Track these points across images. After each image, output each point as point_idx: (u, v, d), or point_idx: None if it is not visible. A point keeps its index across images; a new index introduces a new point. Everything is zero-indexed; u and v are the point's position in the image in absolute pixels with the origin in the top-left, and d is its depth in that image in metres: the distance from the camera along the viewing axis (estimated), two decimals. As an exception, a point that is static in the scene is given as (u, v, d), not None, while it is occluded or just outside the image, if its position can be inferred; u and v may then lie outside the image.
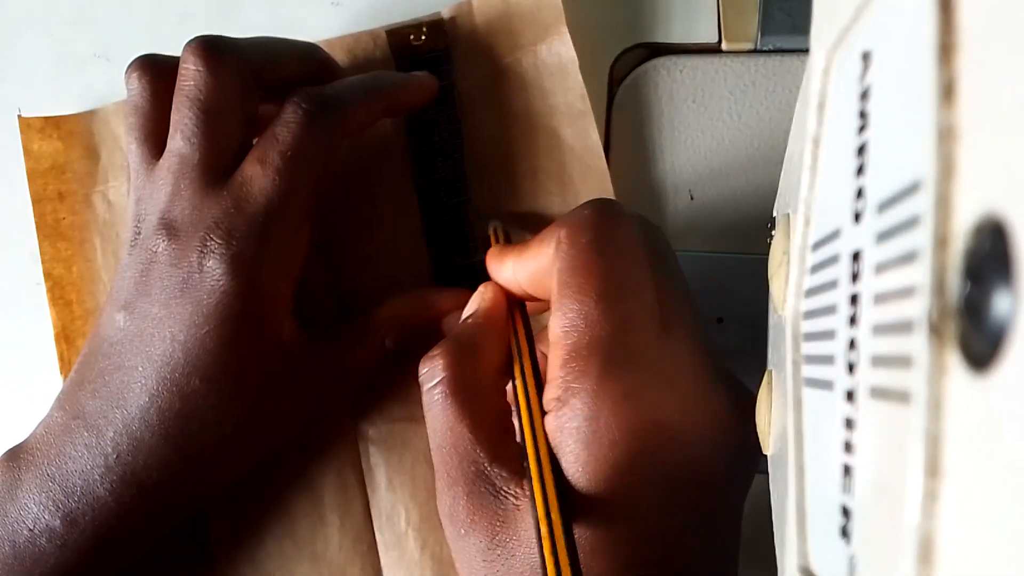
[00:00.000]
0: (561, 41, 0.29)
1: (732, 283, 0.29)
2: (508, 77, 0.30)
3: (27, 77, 0.34)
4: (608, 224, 0.22)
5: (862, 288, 0.13)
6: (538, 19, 0.29)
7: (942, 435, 0.09)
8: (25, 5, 0.34)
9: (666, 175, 0.30)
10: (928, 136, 0.10)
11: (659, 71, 0.30)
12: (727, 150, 0.30)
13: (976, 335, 0.09)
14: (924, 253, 0.10)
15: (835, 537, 0.14)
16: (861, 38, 0.14)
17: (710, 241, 0.30)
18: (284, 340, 0.26)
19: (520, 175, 0.30)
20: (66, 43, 0.34)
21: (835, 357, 0.14)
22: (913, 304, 0.10)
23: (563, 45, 0.29)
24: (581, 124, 0.29)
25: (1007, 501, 0.08)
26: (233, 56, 0.25)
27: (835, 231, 0.15)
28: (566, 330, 0.21)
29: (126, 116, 0.27)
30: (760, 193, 0.29)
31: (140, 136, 0.26)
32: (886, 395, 0.11)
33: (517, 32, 0.30)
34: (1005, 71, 0.08)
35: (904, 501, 0.10)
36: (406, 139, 0.30)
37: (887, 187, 0.12)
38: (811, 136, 0.17)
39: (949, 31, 0.10)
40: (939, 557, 0.09)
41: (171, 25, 0.33)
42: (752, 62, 0.29)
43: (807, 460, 0.16)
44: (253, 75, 0.26)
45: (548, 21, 0.29)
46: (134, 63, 0.27)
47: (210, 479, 0.26)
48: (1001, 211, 0.08)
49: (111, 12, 0.34)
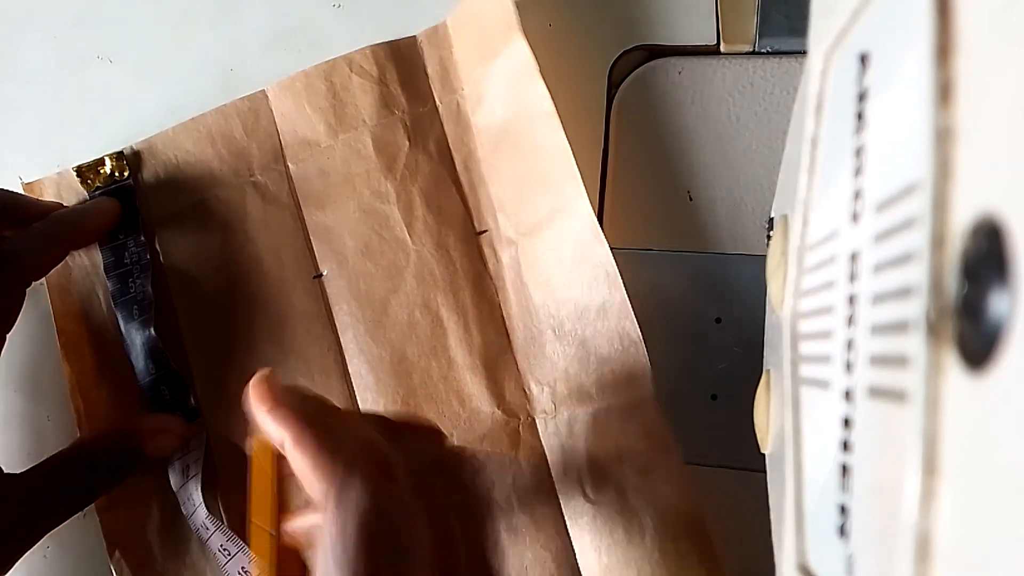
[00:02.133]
0: (519, 48, 0.28)
1: (730, 283, 0.29)
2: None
3: (29, 78, 0.34)
4: (372, 537, 0.22)
5: (860, 288, 0.13)
6: (496, 31, 0.29)
7: (939, 434, 0.09)
8: (27, 6, 0.34)
9: (665, 176, 0.30)
10: (925, 137, 0.10)
11: (658, 72, 0.30)
12: (725, 151, 0.30)
13: (973, 335, 0.09)
14: (921, 254, 0.10)
15: (833, 535, 0.14)
16: (859, 40, 0.14)
17: (708, 241, 0.30)
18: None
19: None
20: (68, 44, 0.34)
21: (833, 357, 0.14)
22: (910, 304, 0.10)
23: (521, 51, 0.28)
24: (548, 127, 0.28)
25: (1003, 499, 0.08)
26: (16, 276, 0.27)
27: (833, 232, 0.15)
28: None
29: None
30: (758, 194, 0.29)
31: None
32: (884, 394, 0.11)
33: (480, 44, 0.30)
34: (1002, 73, 0.08)
35: (902, 499, 0.10)
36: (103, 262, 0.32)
37: (885, 188, 0.12)
38: (809, 137, 0.17)
39: (946, 33, 0.10)
40: (936, 554, 0.09)
41: (173, 27, 0.33)
42: (750, 64, 0.29)
43: (805, 459, 0.16)
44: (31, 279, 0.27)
45: (505, 31, 0.29)
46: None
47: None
48: (998, 212, 0.08)
49: (113, 13, 0.34)
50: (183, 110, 0.33)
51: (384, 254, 0.31)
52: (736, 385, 0.29)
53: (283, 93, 0.31)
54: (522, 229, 0.30)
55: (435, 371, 0.30)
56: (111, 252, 0.31)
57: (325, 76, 0.31)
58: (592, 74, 0.30)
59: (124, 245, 0.31)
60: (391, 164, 0.31)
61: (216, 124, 0.32)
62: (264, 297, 0.31)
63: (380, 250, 0.31)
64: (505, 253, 0.30)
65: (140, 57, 0.33)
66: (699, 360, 0.29)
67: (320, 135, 0.31)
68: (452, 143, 0.31)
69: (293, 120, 0.31)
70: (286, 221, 0.31)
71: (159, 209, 0.32)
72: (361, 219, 0.31)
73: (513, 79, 0.29)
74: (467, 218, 0.31)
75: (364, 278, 0.31)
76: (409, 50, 0.31)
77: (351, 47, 0.32)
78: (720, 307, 0.29)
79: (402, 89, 0.31)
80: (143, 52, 0.33)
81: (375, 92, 0.31)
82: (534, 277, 0.29)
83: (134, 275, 0.31)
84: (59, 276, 0.32)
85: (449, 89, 0.31)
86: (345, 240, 0.31)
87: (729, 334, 0.29)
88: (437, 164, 0.31)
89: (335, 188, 0.31)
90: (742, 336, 0.29)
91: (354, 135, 0.31)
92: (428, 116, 0.31)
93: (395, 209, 0.31)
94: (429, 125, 0.31)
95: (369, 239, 0.31)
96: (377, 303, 0.30)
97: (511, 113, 0.29)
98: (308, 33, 0.32)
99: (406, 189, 0.31)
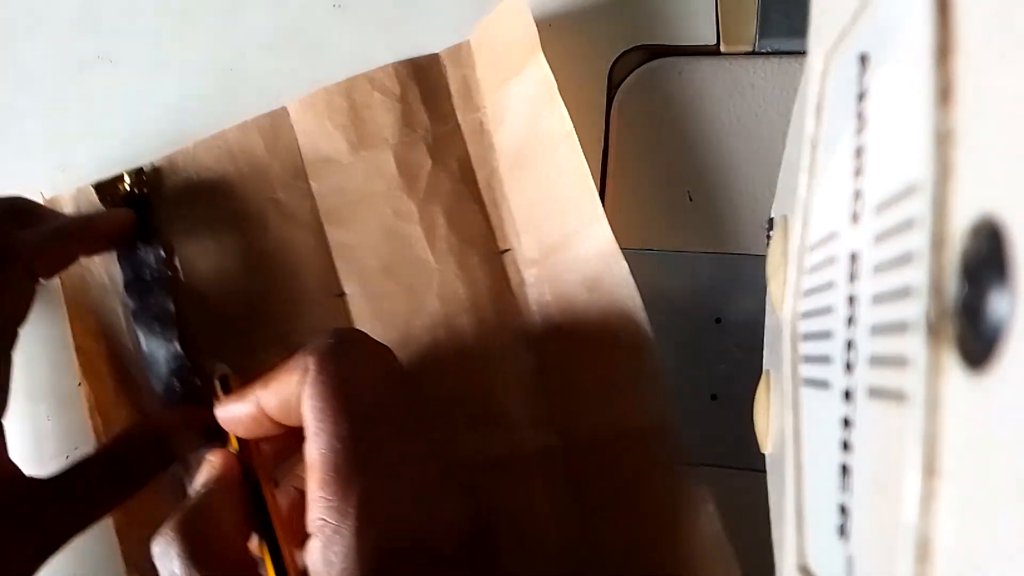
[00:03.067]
0: (539, 68, 0.28)
1: (730, 284, 0.29)
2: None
3: (28, 78, 0.34)
4: (353, 352, 0.24)
5: (860, 289, 0.13)
6: (518, 49, 0.29)
7: (939, 435, 0.09)
8: (28, 6, 0.34)
9: (664, 176, 0.30)
10: (925, 138, 0.10)
11: (658, 73, 0.30)
12: (725, 152, 0.30)
13: (973, 336, 0.09)
14: (921, 254, 0.10)
15: (833, 536, 0.14)
16: (859, 41, 0.14)
17: (708, 242, 0.30)
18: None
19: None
20: (69, 45, 0.34)
21: (833, 357, 0.14)
22: (910, 305, 0.10)
23: (541, 72, 0.28)
24: (567, 146, 0.28)
25: (1004, 500, 0.08)
26: (20, 270, 0.26)
27: (833, 232, 0.15)
28: (323, 452, 0.22)
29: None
30: (758, 194, 0.29)
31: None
32: (883, 395, 0.11)
33: (502, 63, 0.30)
34: (1002, 74, 0.09)
35: (902, 500, 0.10)
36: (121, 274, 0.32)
37: (885, 189, 0.12)
38: (809, 138, 0.17)
39: (946, 34, 0.10)
40: (936, 556, 0.09)
41: (174, 27, 0.33)
42: (750, 64, 0.29)
43: (805, 459, 0.16)
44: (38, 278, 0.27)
45: (527, 49, 0.29)
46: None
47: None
48: (998, 213, 0.08)
49: (114, 14, 0.34)
50: (183, 110, 0.33)
51: (406, 273, 0.30)
52: (736, 385, 0.29)
53: (304, 110, 0.31)
54: (544, 248, 0.29)
55: (457, 390, 0.30)
56: (130, 268, 0.31)
57: (346, 93, 0.31)
58: (592, 74, 0.30)
59: (144, 261, 0.31)
60: (413, 183, 0.30)
61: (237, 141, 0.31)
62: (286, 315, 0.31)
63: (402, 269, 0.30)
64: (528, 272, 0.30)
65: (141, 57, 0.33)
66: (699, 360, 0.29)
67: (342, 153, 0.31)
68: (475, 162, 0.31)
69: (314, 137, 0.31)
70: (307, 239, 0.31)
71: (179, 225, 0.31)
72: (383, 238, 0.30)
73: (533, 98, 0.29)
74: (490, 237, 0.30)
75: (386, 297, 0.30)
76: (431, 68, 0.31)
77: (351, 47, 0.32)
78: (720, 307, 0.29)
79: (424, 107, 0.31)
80: (144, 52, 0.33)
81: (397, 110, 0.31)
82: (557, 298, 0.29)
83: (154, 291, 0.31)
84: (76, 293, 0.32)
85: (472, 107, 0.31)
86: (367, 259, 0.31)
87: (729, 334, 0.29)
88: (459, 183, 0.31)
89: (357, 206, 0.31)
90: (742, 336, 0.29)
91: (376, 153, 0.31)
92: (450, 134, 0.31)
93: (417, 228, 0.30)
94: (451, 143, 0.31)
95: (391, 258, 0.30)
96: (400, 322, 0.30)
97: (531, 132, 0.29)
98: (308, 33, 0.32)
99: (428, 208, 0.30)
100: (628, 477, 0.28)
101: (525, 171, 0.30)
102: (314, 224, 0.31)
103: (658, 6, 0.30)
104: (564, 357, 0.29)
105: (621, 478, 0.28)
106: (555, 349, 0.29)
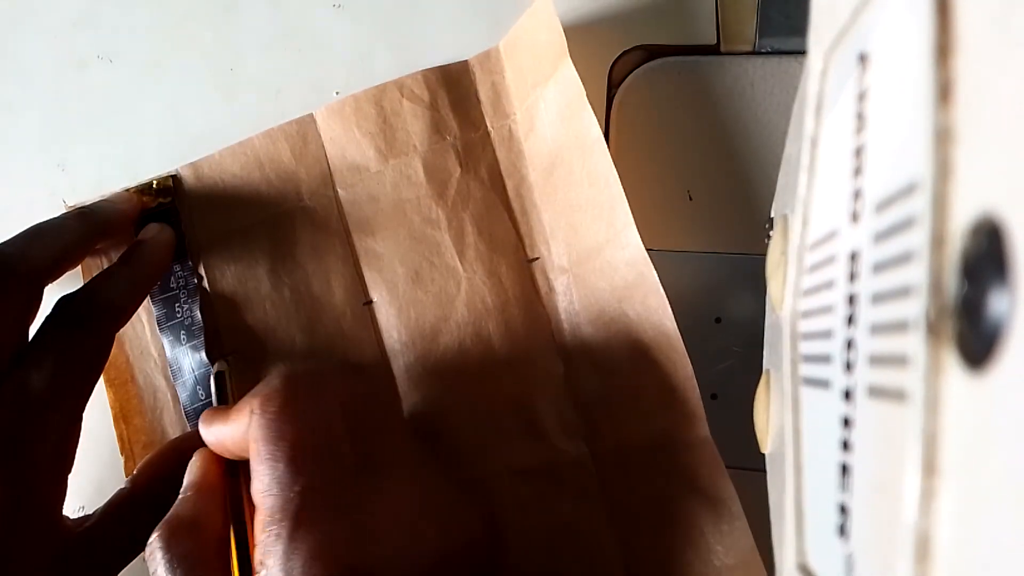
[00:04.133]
0: (568, 74, 0.28)
1: (730, 283, 0.29)
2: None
3: (29, 78, 0.34)
4: (296, 392, 0.24)
5: (859, 288, 0.13)
6: (546, 55, 0.29)
7: (939, 434, 0.09)
8: (27, 5, 0.34)
9: (664, 176, 0.30)
10: (925, 137, 0.10)
11: (658, 73, 0.30)
12: (725, 151, 0.30)
13: (973, 334, 0.09)
14: (921, 253, 0.10)
15: (833, 535, 0.14)
16: (858, 40, 0.14)
17: (708, 241, 0.30)
18: (55, 537, 0.25)
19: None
20: (69, 44, 0.34)
21: (833, 356, 0.14)
22: (910, 304, 0.10)
23: (570, 77, 0.28)
24: (597, 153, 0.28)
25: (1003, 499, 0.08)
26: (14, 281, 0.26)
27: (833, 231, 0.15)
28: (262, 495, 0.22)
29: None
30: (758, 194, 0.29)
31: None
32: (883, 394, 0.11)
33: (531, 69, 0.30)
34: (1002, 73, 0.09)
35: (901, 499, 0.10)
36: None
37: (884, 188, 0.12)
38: (809, 137, 0.17)
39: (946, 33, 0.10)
40: (936, 555, 0.09)
41: (173, 27, 0.33)
42: (750, 64, 0.29)
43: (805, 459, 0.16)
44: (37, 282, 0.27)
45: (555, 55, 0.28)
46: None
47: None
48: (998, 212, 0.08)
49: (114, 14, 0.34)
50: (183, 110, 0.33)
51: (435, 281, 0.30)
52: (736, 385, 0.29)
53: (332, 117, 0.31)
54: (574, 256, 0.29)
55: (485, 400, 0.30)
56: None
57: (375, 100, 0.31)
58: (592, 74, 0.30)
59: (170, 269, 0.31)
60: (442, 190, 0.30)
61: (264, 148, 0.31)
62: (313, 324, 0.31)
63: (431, 277, 0.30)
64: (558, 280, 0.30)
65: (141, 57, 0.33)
66: (699, 360, 0.29)
67: (370, 160, 0.31)
68: (504, 169, 0.31)
69: (342, 145, 0.31)
70: (335, 247, 0.31)
71: (205, 233, 0.31)
72: (411, 246, 0.30)
73: (562, 105, 0.29)
74: (519, 245, 0.30)
75: (415, 305, 0.30)
76: (461, 75, 0.31)
77: (351, 47, 0.32)
78: (720, 307, 0.29)
79: (453, 114, 0.31)
80: (144, 52, 0.33)
81: (426, 117, 0.30)
82: (587, 307, 0.29)
83: (180, 300, 0.31)
84: None
85: (501, 114, 0.31)
86: (395, 267, 0.30)
87: (729, 334, 0.29)
88: (489, 190, 0.30)
89: (385, 214, 0.31)
90: (742, 336, 0.29)
91: (405, 160, 0.31)
92: (480, 142, 0.31)
93: (446, 236, 0.30)
94: (481, 151, 0.31)
95: (420, 266, 0.30)
96: (428, 331, 0.30)
97: (561, 139, 0.29)
98: (308, 33, 0.32)
99: (457, 215, 0.30)
100: (661, 487, 0.28)
101: (555, 178, 0.29)
102: (341, 232, 0.31)
103: (658, 6, 0.30)
104: (594, 366, 0.29)
105: (654, 488, 0.28)
106: (584, 358, 0.29)
